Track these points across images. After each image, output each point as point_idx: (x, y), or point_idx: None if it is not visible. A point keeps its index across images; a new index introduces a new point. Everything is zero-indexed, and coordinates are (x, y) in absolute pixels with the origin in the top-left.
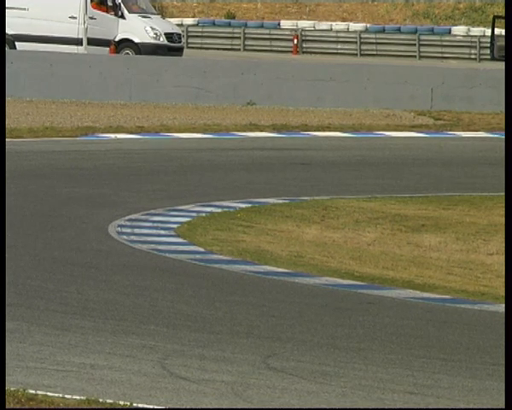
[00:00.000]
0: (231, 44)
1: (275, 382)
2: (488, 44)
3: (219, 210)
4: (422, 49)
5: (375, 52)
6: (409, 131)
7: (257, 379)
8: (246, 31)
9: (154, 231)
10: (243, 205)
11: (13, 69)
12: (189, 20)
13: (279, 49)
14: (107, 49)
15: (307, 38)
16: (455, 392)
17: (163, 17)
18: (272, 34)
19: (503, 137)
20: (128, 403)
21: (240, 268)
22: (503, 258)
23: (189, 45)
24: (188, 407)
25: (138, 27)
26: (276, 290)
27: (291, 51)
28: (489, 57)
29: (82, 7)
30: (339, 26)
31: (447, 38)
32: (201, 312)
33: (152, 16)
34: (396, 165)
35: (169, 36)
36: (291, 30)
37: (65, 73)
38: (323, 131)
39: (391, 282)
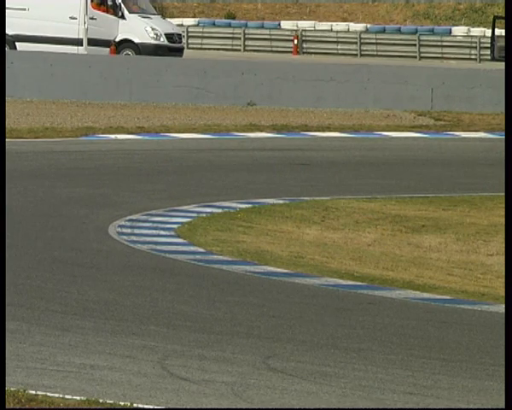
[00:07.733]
0: (231, 45)
1: (275, 382)
2: (488, 45)
3: (219, 210)
4: (423, 49)
5: (375, 52)
6: (409, 131)
7: (257, 380)
8: (246, 31)
9: (154, 232)
10: (243, 205)
11: (13, 69)
12: (189, 21)
13: (279, 49)
14: (108, 49)
15: (307, 38)
16: (455, 392)
17: (163, 17)
18: (272, 34)
19: (503, 137)
20: (128, 404)
21: (240, 268)
22: (503, 259)
23: (190, 46)
24: (188, 407)
25: (138, 28)
26: (276, 290)
27: (291, 52)
28: (489, 58)
29: (82, 7)
30: (339, 26)
31: (447, 39)
32: (201, 312)
33: (152, 16)
34: (396, 165)
35: (169, 36)
36: (291, 30)
37: (65, 73)
38: (323, 131)
39: (391, 282)
